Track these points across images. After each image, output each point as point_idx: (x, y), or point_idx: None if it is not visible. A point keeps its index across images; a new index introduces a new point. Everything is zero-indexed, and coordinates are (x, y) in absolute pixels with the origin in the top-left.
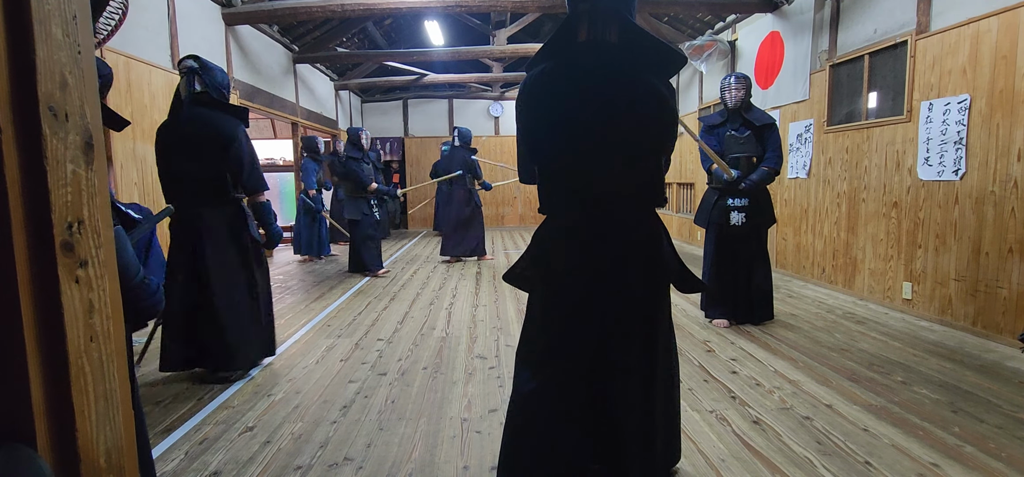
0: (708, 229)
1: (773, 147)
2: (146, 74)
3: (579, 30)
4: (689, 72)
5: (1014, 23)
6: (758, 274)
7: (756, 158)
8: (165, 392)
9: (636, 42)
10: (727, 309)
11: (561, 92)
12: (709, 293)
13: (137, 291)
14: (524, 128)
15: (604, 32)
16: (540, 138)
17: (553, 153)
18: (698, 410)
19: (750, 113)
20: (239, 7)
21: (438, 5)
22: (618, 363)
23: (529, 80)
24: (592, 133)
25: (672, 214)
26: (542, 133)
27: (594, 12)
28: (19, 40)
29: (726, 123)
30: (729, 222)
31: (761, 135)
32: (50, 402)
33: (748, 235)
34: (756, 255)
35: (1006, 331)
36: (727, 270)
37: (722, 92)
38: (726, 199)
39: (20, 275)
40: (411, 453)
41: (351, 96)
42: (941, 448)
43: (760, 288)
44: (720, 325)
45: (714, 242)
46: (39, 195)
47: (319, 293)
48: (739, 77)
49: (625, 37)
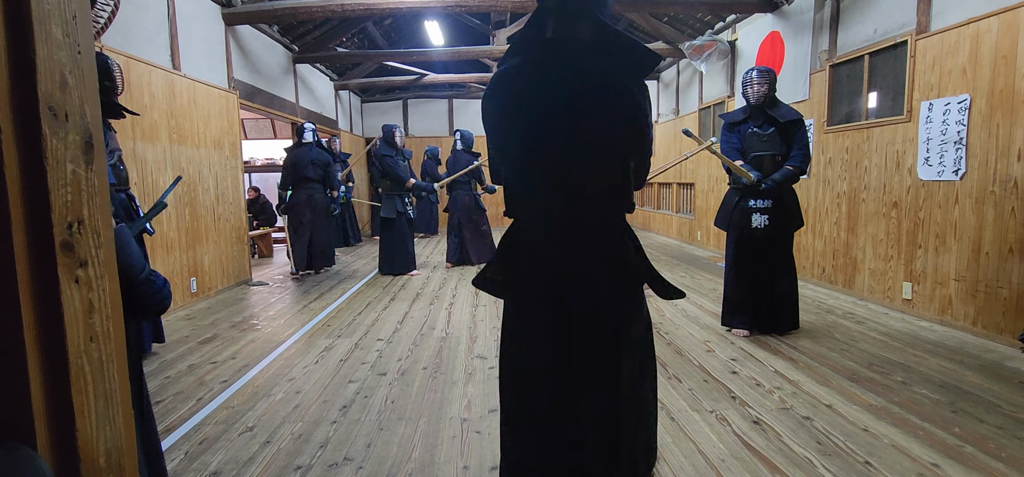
0: (729, 232)
1: (800, 145)
2: (146, 74)
3: (547, 27)
4: (689, 72)
5: (1014, 23)
6: (782, 282)
7: (781, 156)
8: (165, 392)
9: (605, 40)
10: (747, 318)
11: (525, 90)
12: (726, 300)
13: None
14: (490, 129)
15: (572, 29)
16: (504, 139)
17: (517, 155)
18: (698, 410)
19: (775, 109)
20: (239, 7)
21: (438, 5)
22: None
23: (494, 78)
24: (555, 134)
25: (672, 214)
26: (506, 134)
27: (561, 8)
28: (19, 40)
29: (748, 120)
30: (751, 225)
31: (786, 132)
32: (50, 402)
33: (772, 238)
34: (780, 261)
35: (1006, 331)
36: (748, 276)
37: (744, 87)
38: (747, 200)
39: (20, 275)
40: (411, 453)
41: (351, 96)
42: (941, 448)
43: (785, 296)
44: (739, 334)
45: (734, 246)
46: (39, 195)
47: (319, 293)
48: (762, 71)
49: (594, 35)
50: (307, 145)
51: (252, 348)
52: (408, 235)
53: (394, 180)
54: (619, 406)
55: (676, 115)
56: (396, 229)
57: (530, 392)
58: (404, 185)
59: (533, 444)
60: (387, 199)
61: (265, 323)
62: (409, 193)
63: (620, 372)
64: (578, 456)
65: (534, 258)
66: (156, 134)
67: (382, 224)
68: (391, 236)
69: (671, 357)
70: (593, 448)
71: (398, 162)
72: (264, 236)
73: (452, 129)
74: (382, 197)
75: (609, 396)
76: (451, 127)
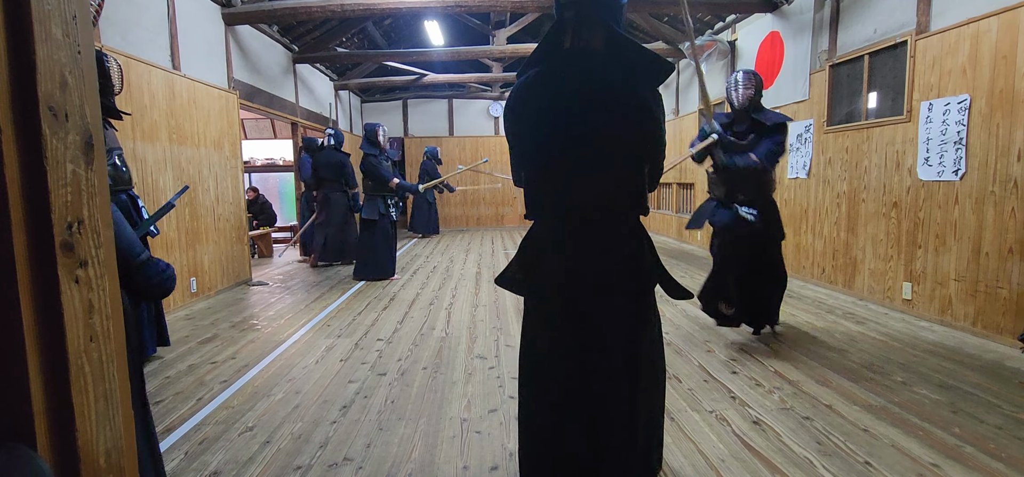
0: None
1: (772, 142)
2: (146, 74)
3: (565, 38)
4: (689, 72)
5: (1014, 23)
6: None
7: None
8: (165, 392)
9: (622, 50)
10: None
11: (544, 100)
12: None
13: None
14: (511, 135)
15: (589, 40)
16: (524, 145)
17: (536, 160)
18: (698, 410)
19: (761, 114)
20: (239, 7)
21: (438, 5)
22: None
23: (515, 87)
24: (574, 141)
25: (672, 214)
26: (526, 140)
27: (579, 19)
28: (19, 40)
29: (732, 124)
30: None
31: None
32: (50, 402)
33: (756, 243)
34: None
35: (1006, 331)
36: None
37: (728, 92)
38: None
39: (20, 275)
40: (411, 453)
41: (351, 96)
42: (941, 448)
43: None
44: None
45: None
46: (39, 195)
47: (319, 293)
48: (747, 74)
49: (611, 45)
50: (328, 149)
51: (252, 348)
52: (391, 238)
53: (377, 181)
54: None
55: (676, 115)
56: (377, 232)
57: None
58: (387, 186)
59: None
60: (369, 200)
61: (265, 323)
62: (393, 194)
63: (638, 374)
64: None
65: (552, 259)
66: (156, 134)
67: (362, 226)
68: (371, 239)
69: (671, 357)
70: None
71: (381, 162)
72: (264, 236)
73: (452, 129)
74: (364, 198)
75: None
76: (451, 127)
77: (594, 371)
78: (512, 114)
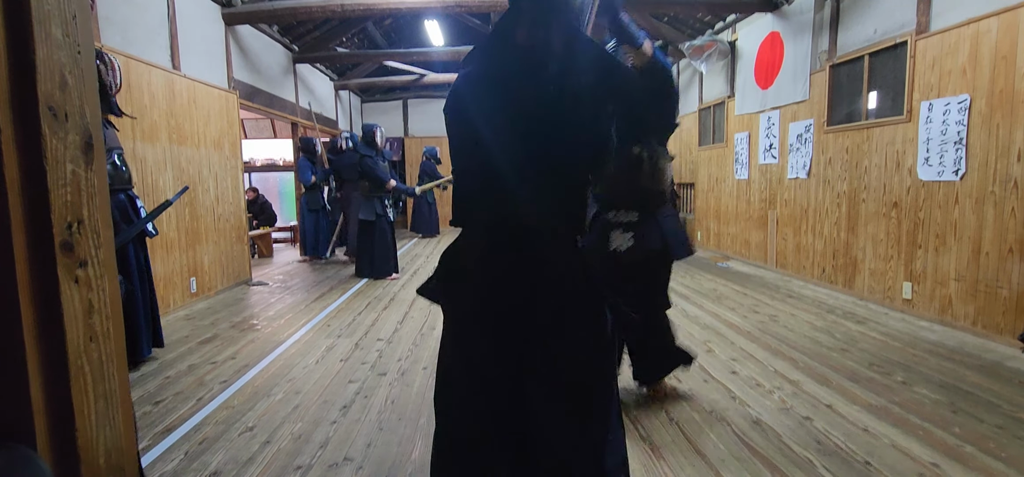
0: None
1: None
2: (146, 74)
3: (517, 32)
4: (689, 72)
5: (1014, 23)
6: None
7: None
8: (165, 392)
9: (579, 51)
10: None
11: (483, 100)
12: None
13: None
14: (448, 133)
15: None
16: (456, 147)
17: (467, 165)
18: (698, 410)
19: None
20: (239, 7)
21: (438, 5)
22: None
23: (456, 82)
24: (510, 149)
25: None
26: (458, 142)
27: (535, 13)
28: (19, 40)
29: None
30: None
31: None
32: (50, 402)
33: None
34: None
35: (1006, 331)
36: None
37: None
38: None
39: (20, 275)
40: (411, 453)
41: (351, 96)
42: (941, 448)
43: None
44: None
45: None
46: (39, 195)
47: (319, 293)
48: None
49: (567, 45)
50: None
51: (252, 348)
52: (389, 238)
53: (374, 182)
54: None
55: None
56: (375, 232)
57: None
58: (384, 187)
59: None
60: (366, 201)
61: (265, 323)
62: (390, 195)
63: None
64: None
65: (473, 273)
66: (156, 134)
67: (360, 227)
68: (370, 240)
69: None
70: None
71: (378, 163)
72: (264, 236)
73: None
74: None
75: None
76: None
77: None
78: (448, 113)
